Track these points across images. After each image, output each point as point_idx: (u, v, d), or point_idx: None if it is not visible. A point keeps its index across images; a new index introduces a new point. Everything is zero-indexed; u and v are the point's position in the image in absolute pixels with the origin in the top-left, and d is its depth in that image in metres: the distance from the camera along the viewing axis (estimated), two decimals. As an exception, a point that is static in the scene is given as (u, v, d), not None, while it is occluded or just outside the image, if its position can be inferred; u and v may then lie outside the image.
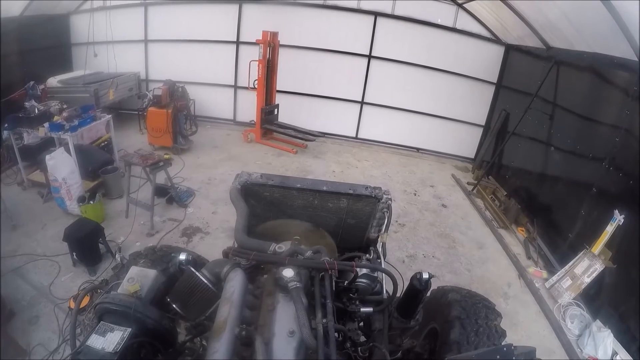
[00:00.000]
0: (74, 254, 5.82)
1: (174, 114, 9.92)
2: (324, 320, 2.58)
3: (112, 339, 2.44)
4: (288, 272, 2.73)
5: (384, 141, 13.30)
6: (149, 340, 2.67)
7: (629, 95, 6.21)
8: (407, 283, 3.29)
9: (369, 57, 12.08)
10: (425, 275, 3.14)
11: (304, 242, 3.61)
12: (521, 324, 5.96)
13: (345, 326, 3.03)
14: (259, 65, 10.77)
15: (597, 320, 5.83)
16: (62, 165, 6.81)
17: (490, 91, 11.98)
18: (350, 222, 4.42)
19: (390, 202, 4.12)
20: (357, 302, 3.27)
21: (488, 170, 11.01)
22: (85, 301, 4.69)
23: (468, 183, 11.03)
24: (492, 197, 10.05)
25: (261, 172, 4.35)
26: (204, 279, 2.79)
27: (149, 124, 10.05)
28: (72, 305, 4.94)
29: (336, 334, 2.68)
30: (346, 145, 12.83)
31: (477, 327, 3.33)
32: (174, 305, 2.82)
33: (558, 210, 7.96)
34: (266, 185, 4.16)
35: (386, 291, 3.54)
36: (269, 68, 11.20)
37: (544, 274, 7.15)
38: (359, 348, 2.96)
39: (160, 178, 7.49)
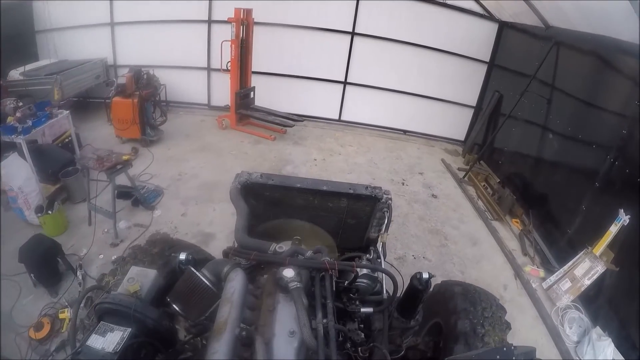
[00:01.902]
0: (32, 275, 5.63)
1: (140, 104, 9.78)
2: (325, 321, 2.80)
3: (112, 339, 2.61)
4: (288, 272, 2.95)
5: (369, 123, 13.51)
6: (149, 340, 2.84)
7: (638, 84, 6.14)
8: (407, 283, 3.53)
9: (352, 34, 12.12)
10: (425, 275, 3.38)
11: (304, 242, 3.91)
12: (518, 332, 5.89)
13: (346, 326, 3.30)
14: (231, 46, 10.70)
15: (597, 327, 5.95)
16: (17, 173, 6.65)
17: (482, 70, 12.19)
18: (350, 222, 4.73)
19: (390, 201, 4.41)
20: (358, 302, 3.53)
21: (480, 155, 11.21)
22: (46, 330, 4.86)
23: (459, 169, 11.25)
24: (484, 185, 10.22)
25: (237, 162, 4.60)
26: (204, 279, 3.00)
27: (115, 115, 9.86)
28: (33, 335, 4.86)
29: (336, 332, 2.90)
30: (329, 129, 12.92)
31: (484, 319, 3.66)
32: (174, 306, 3.03)
33: (556, 203, 8.02)
34: (266, 185, 4.44)
35: (386, 291, 3.82)
36: (243, 48, 11.14)
37: (541, 272, 7.27)
38: (359, 348, 3.22)
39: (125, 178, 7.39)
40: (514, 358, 2.49)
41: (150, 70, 10.69)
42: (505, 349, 2.58)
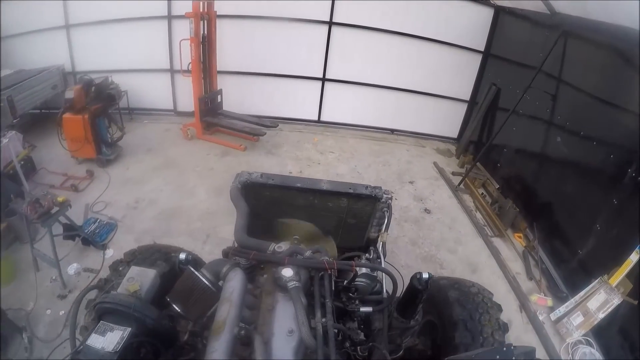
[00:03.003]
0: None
1: (92, 120, 9.59)
2: (324, 320, 3.24)
3: (112, 338, 2.94)
4: (287, 272, 3.42)
5: (352, 123, 13.84)
6: (148, 339, 3.21)
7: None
8: (407, 283, 3.99)
9: (330, 23, 12.17)
10: (425, 275, 3.84)
11: (304, 241, 4.49)
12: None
13: (345, 326, 3.77)
14: (191, 45, 10.58)
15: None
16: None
17: (476, 61, 12.54)
18: (350, 222, 5.34)
19: (390, 201, 5.00)
20: (357, 302, 4.02)
21: (475, 156, 11.49)
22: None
23: (453, 173, 11.58)
24: (482, 194, 10.49)
25: (200, 182, 5.06)
26: (203, 279, 3.44)
27: (67, 133, 9.63)
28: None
29: (335, 331, 3.36)
30: (307, 133, 13.08)
31: (476, 305, 4.20)
32: (174, 305, 3.44)
33: (564, 216, 8.00)
34: (266, 184, 5.03)
35: (386, 291, 4.34)
36: (206, 46, 11.17)
37: (549, 301, 7.31)
38: (359, 347, 3.70)
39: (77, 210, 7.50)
40: (514, 358, 2.81)
41: (110, 76, 10.74)
42: (505, 348, 2.92)
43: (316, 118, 13.80)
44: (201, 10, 10.50)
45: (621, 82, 7.02)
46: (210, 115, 11.99)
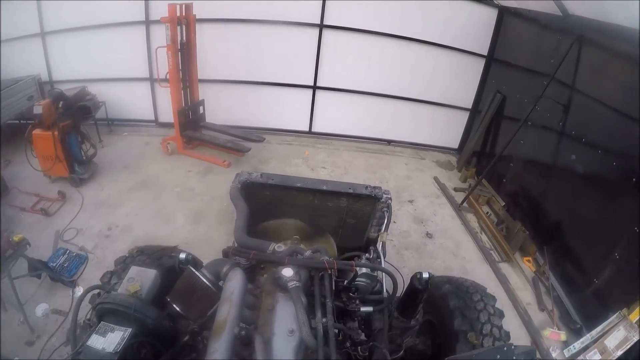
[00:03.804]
0: None
1: (62, 136, 9.49)
2: (324, 320, 3.56)
3: (112, 339, 3.24)
4: (287, 272, 3.76)
5: (345, 134, 14.02)
6: (149, 340, 3.51)
7: None
8: (407, 282, 4.34)
9: (321, 26, 12.21)
10: (426, 275, 4.22)
11: (304, 241, 4.92)
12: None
13: (345, 325, 4.11)
14: (168, 53, 10.48)
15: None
16: None
17: (478, 66, 12.70)
18: (350, 222, 5.83)
19: (390, 201, 5.45)
20: (357, 302, 4.39)
21: (478, 169, 11.81)
22: None
23: (455, 189, 11.74)
24: (487, 213, 10.55)
25: (179, 205, 5.40)
26: (203, 279, 3.79)
27: (37, 150, 9.62)
28: None
29: (336, 331, 3.69)
30: (297, 145, 13.19)
31: (470, 295, 4.61)
32: (174, 305, 3.78)
33: (577, 240, 7.94)
34: (266, 184, 5.50)
35: (386, 290, 4.73)
36: (185, 54, 11.13)
37: (562, 335, 7.26)
38: (359, 347, 4.03)
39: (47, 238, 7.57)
40: (514, 357, 3.06)
41: (86, 86, 10.96)
42: (505, 348, 3.17)
43: (307, 129, 13.97)
44: (178, 14, 10.42)
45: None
46: (192, 129, 12.05)
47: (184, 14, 10.57)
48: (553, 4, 9.05)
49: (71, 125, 9.88)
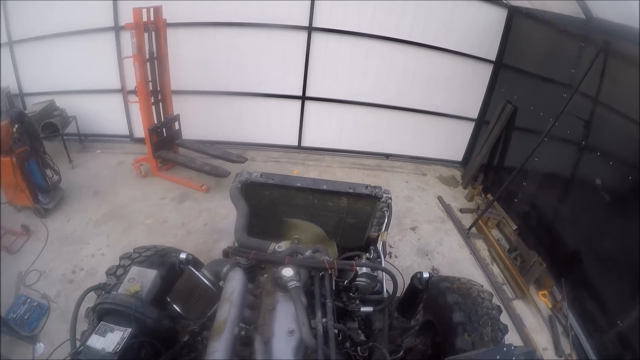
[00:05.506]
0: None
1: (20, 163, 9.34)
2: (324, 320, 4.01)
3: (112, 339, 3.63)
4: (287, 272, 4.24)
5: (338, 149, 14.37)
6: (149, 340, 3.91)
7: None
8: (407, 282, 4.82)
9: (309, 28, 12.29)
10: (426, 275, 4.73)
11: (304, 241, 5.49)
12: None
13: (345, 325, 4.58)
14: (134, 64, 10.41)
15: None
16: None
17: (485, 73, 13.01)
18: (350, 221, 6.40)
19: (390, 201, 5.99)
20: (357, 302, 4.88)
21: (486, 186, 12.08)
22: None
23: (462, 210, 12.02)
24: (498, 239, 10.71)
25: (150, 239, 5.91)
26: (204, 279, 4.26)
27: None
28: None
29: (336, 331, 4.14)
30: (285, 162, 13.38)
31: (468, 292, 5.07)
32: (174, 306, 4.24)
33: (600, 275, 7.87)
34: (266, 184, 6.05)
35: (386, 290, 5.24)
36: (155, 64, 11.13)
37: None
38: (359, 347, 4.51)
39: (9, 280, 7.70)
40: (514, 358, 3.31)
41: (54, 100, 11.26)
42: (505, 349, 3.43)
43: (296, 143, 14.26)
44: (145, 19, 10.28)
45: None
46: (166, 148, 12.09)
47: (152, 18, 10.50)
48: (574, 5, 8.77)
49: (30, 151, 9.77)
